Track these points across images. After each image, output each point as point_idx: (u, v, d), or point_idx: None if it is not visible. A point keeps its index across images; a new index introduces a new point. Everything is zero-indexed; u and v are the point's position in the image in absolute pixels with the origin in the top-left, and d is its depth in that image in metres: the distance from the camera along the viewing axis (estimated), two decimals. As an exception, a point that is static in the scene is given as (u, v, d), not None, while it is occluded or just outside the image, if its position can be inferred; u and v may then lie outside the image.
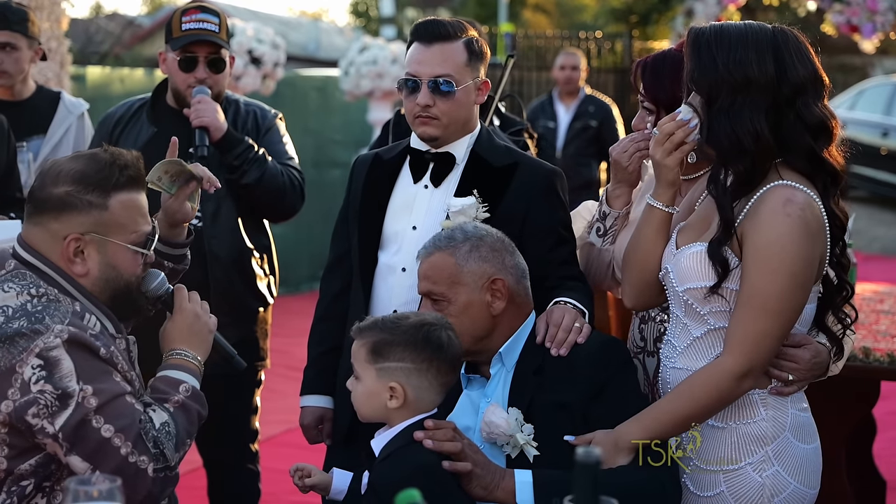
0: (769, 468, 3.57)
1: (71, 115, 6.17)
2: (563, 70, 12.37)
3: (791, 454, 3.59)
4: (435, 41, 4.23)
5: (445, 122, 4.23)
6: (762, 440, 3.58)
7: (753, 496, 3.58)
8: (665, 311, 3.96)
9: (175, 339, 3.63)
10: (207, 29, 5.31)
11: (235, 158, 5.25)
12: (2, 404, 3.25)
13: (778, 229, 3.43)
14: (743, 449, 3.59)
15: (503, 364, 3.81)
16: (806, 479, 3.61)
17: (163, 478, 3.34)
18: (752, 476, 3.58)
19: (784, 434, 3.59)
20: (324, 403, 4.50)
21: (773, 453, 3.58)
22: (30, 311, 3.33)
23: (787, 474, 3.57)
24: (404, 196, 4.35)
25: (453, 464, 3.47)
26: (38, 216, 3.50)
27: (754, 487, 3.58)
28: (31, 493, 3.34)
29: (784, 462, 3.58)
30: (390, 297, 4.28)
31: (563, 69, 12.37)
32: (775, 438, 3.59)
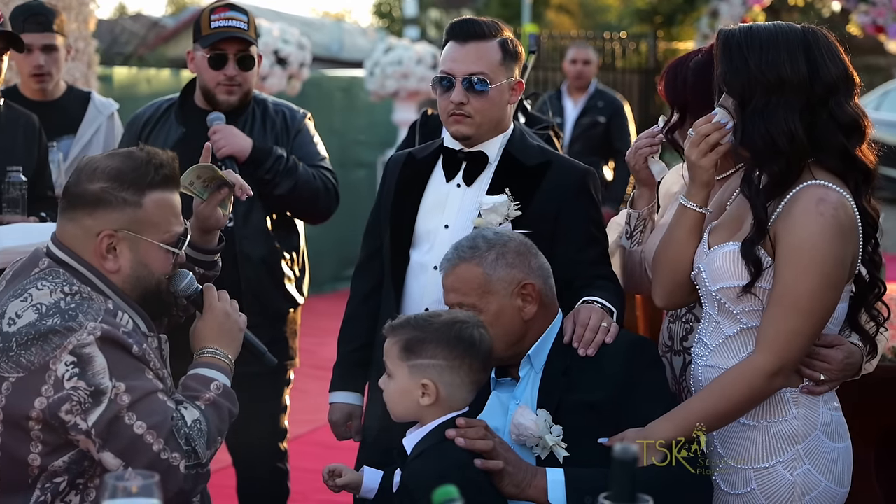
0: (800, 466, 3.58)
1: (101, 116, 6.21)
2: (574, 64, 11.73)
3: (822, 453, 3.60)
4: (470, 40, 4.24)
5: (478, 120, 4.24)
6: (793, 439, 3.60)
7: (784, 494, 3.59)
8: (691, 311, 3.98)
9: (206, 337, 3.65)
10: (237, 27, 5.34)
11: (266, 173, 5.27)
12: (36, 401, 3.27)
13: (810, 228, 3.44)
14: (774, 447, 3.61)
15: (532, 366, 3.82)
16: (836, 478, 3.61)
17: (194, 475, 3.37)
18: (783, 474, 3.59)
19: (815, 433, 3.60)
20: (352, 400, 4.52)
21: (804, 452, 3.59)
22: (63, 308, 3.35)
23: (818, 473, 3.58)
24: (437, 195, 4.36)
25: (485, 462, 3.48)
26: (73, 211, 3.53)
27: (785, 485, 3.59)
28: (64, 489, 3.36)
29: (815, 461, 3.58)
30: (422, 295, 4.29)
31: (574, 63, 11.73)
32: (806, 437, 3.60)
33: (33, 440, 3.31)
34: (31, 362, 3.29)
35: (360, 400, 4.51)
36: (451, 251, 3.87)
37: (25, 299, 3.39)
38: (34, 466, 3.33)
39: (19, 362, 3.30)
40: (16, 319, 3.35)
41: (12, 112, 5.39)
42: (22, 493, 3.34)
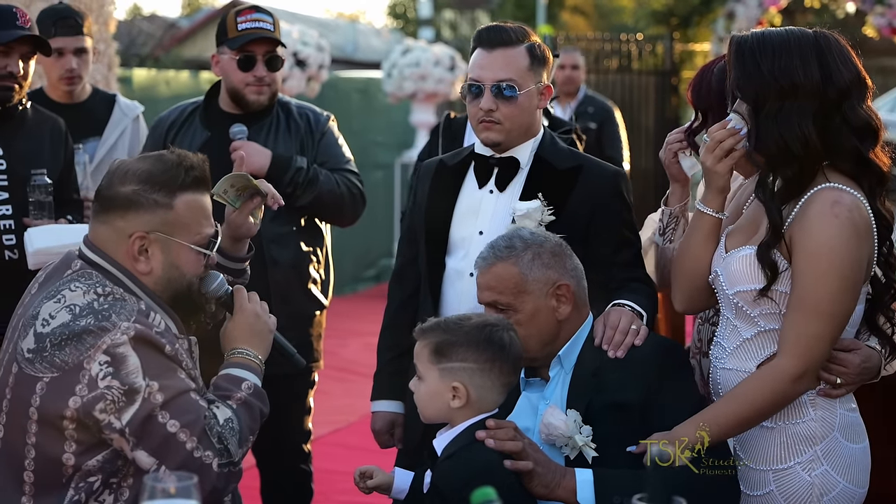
0: (818, 467, 3.60)
1: (126, 118, 6.23)
2: (562, 69, 11.14)
3: (840, 454, 3.61)
4: (497, 46, 4.26)
5: (508, 126, 4.26)
6: (811, 440, 3.61)
7: (803, 495, 3.61)
8: (720, 313, 3.99)
9: (236, 338, 3.69)
10: (264, 28, 5.38)
11: (287, 185, 5.27)
12: (70, 400, 3.30)
13: (827, 231, 3.46)
14: (792, 448, 3.63)
15: (562, 366, 3.85)
16: (855, 479, 3.63)
17: (227, 473, 3.40)
18: (801, 475, 3.61)
19: (833, 434, 3.62)
20: (395, 409, 4.56)
21: (822, 453, 3.61)
22: (97, 308, 3.38)
23: (836, 473, 3.60)
24: (470, 201, 4.39)
25: (515, 462, 3.51)
26: (105, 214, 3.56)
27: (804, 486, 3.61)
28: (98, 489, 3.38)
29: (833, 461, 3.60)
30: (459, 301, 4.31)
31: (562, 68, 11.14)
32: (824, 438, 3.61)
33: (67, 440, 3.34)
34: (66, 362, 3.32)
35: (402, 408, 4.53)
36: (486, 250, 3.89)
37: (59, 300, 3.42)
38: (68, 466, 3.36)
39: (53, 362, 3.33)
40: (49, 320, 3.38)
41: (39, 115, 5.42)
42: (56, 492, 3.37)
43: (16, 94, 5.17)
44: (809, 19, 21.23)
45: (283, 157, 5.36)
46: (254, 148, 5.31)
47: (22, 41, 5.11)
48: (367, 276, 15.23)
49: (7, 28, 5.08)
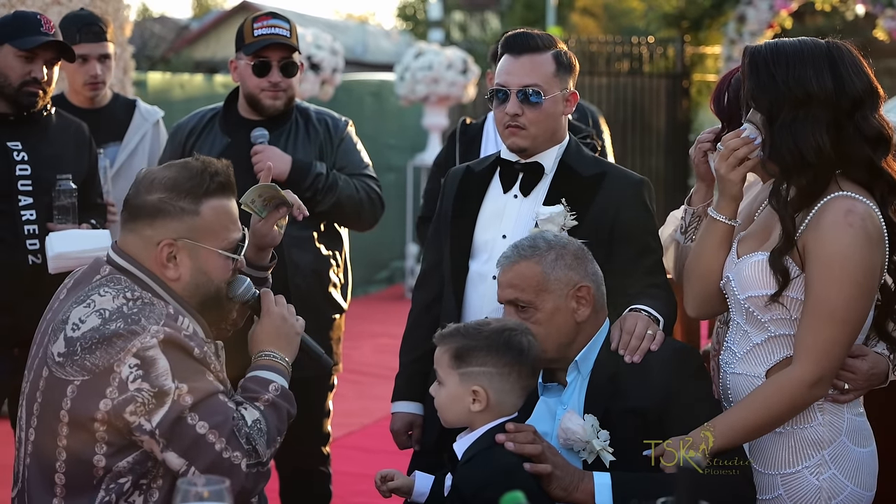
0: (826, 472, 3.64)
1: (146, 123, 6.28)
2: None
3: (847, 458, 3.65)
4: (524, 52, 4.33)
5: (533, 132, 4.32)
6: (819, 444, 3.66)
7: (811, 499, 3.65)
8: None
9: (263, 341, 3.72)
10: (280, 34, 5.43)
11: (307, 191, 5.31)
12: (101, 403, 3.35)
13: (841, 240, 3.49)
14: (800, 453, 3.67)
15: (579, 371, 3.89)
16: (862, 482, 3.67)
17: (255, 473, 3.44)
18: (809, 479, 3.65)
19: (840, 438, 3.66)
20: (414, 410, 4.60)
21: (829, 457, 3.65)
22: (126, 313, 3.43)
23: (844, 477, 3.64)
24: (494, 206, 4.44)
25: (534, 465, 3.56)
26: (133, 223, 3.61)
27: (811, 491, 3.65)
28: (128, 490, 3.42)
29: (840, 465, 3.64)
30: (482, 304, 4.36)
31: None
32: (832, 442, 3.66)
33: (98, 441, 3.38)
34: (96, 365, 3.36)
35: (422, 409, 4.58)
36: (510, 249, 3.95)
37: (88, 305, 3.46)
38: (99, 468, 3.40)
39: (84, 366, 3.37)
40: (80, 325, 3.42)
41: (63, 121, 5.47)
42: (87, 494, 3.41)
43: (40, 99, 5.23)
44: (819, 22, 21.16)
45: (303, 163, 5.41)
46: (275, 152, 5.36)
47: (46, 47, 5.17)
48: (379, 278, 15.26)
49: (31, 34, 5.14)
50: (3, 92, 5.19)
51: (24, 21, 5.20)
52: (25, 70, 5.16)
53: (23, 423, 3.57)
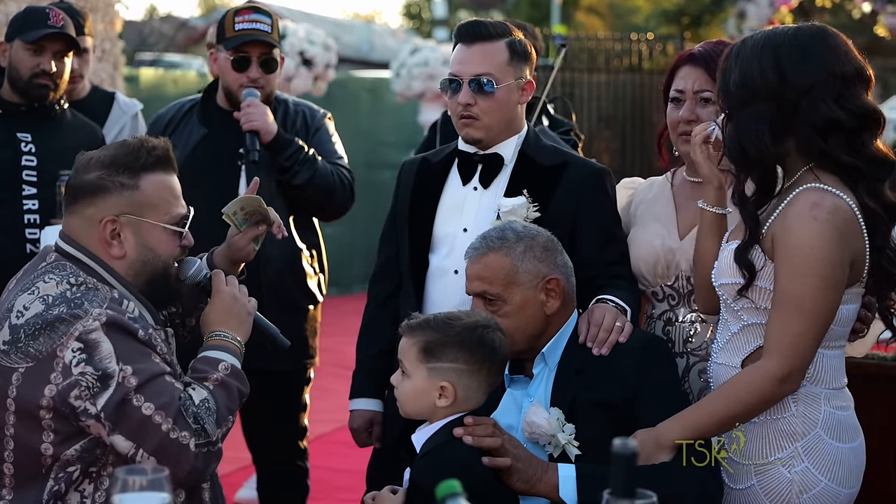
0: (798, 464, 3.59)
1: (125, 115, 6.27)
2: None
3: (823, 451, 3.60)
4: (476, 41, 4.27)
5: (487, 122, 4.26)
6: (792, 436, 3.61)
7: (783, 491, 3.61)
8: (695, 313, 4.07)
9: (214, 321, 3.68)
10: (260, 29, 5.38)
11: (286, 160, 5.30)
12: (45, 389, 3.32)
13: (806, 232, 3.47)
14: (773, 444, 3.63)
15: (546, 363, 3.85)
16: (840, 478, 3.61)
17: (205, 453, 3.40)
18: (781, 471, 3.61)
19: (815, 431, 3.61)
20: (373, 407, 4.54)
21: (802, 450, 3.60)
22: (69, 297, 3.40)
23: (818, 471, 3.59)
24: (454, 198, 4.38)
25: (493, 459, 3.51)
26: (74, 204, 3.59)
27: (783, 483, 3.60)
28: (77, 478, 3.40)
29: (814, 459, 3.59)
30: (443, 299, 4.30)
31: None
32: (805, 435, 3.61)
33: (45, 430, 3.35)
34: (39, 351, 3.34)
35: (381, 406, 4.52)
36: (478, 240, 3.89)
37: (33, 292, 3.44)
38: (47, 456, 3.37)
39: (28, 352, 3.35)
40: (24, 312, 3.40)
41: (77, 120, 5.60)
42: (36, 483, 3.39)
43: (51, 91, 5.34)
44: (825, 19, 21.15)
45: (286, 134, 5.40)
46: (264, 109, 5.33)
47: (53, 39, 5.27)
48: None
49: (37, 27, 5.26)
50: (15, 84, 5.33)
51: (32, 15, 5.36)
52: (34, 62, 5.28)
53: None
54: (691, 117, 4.09)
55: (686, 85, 4.12)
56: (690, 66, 4.14)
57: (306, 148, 5.40)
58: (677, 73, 4.19)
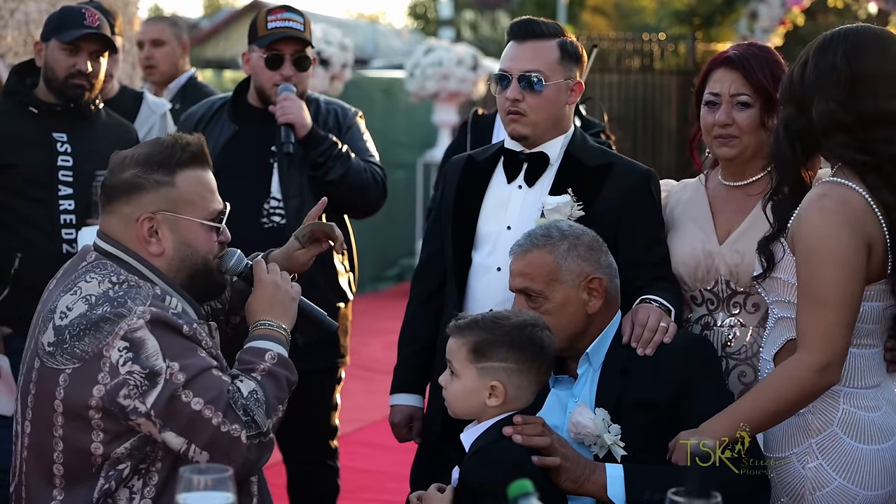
0: (812, 461, 3.62)
1: (154, 115, 6.28)
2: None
3: (840, 450, 3.62)
4: (528, 38, 4.28)
5: (534, 119, 4.26)
6: (807, 432, 3.64)
7: (796, 486, 3.64)
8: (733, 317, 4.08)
9: (258, 311, 3.68)
10: (293, 27, 5.40)
11: (320, 155, 5.31)
12: (94, 389, 3.32)
13: (814, 223, 3.53)
14: (791, 439, 3.67)
15: (590, 364, 3.85)
16: (858, 479, 3.61)
17: (257, 444, 3.40)
18: (795, 466, 3.65)
19: (831, 429, 3.63)
20: (414, 402, 4.55)
21: (816, 446, 3.63)
22: (112, 297, 3.40)
23: (832, 470, 3.60)
24: (498, 196, 4.38)
25: (542, 458, 3.51)
26: (111, 204, 3.59)
27: (797, 478, 3.64)
28: (128, 475, 3.40)
29: (829, 457, 3.61)
30: (486, 296, 4.30)
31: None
32: (821, 432, 3.63)
33: (94, 429, 3.36)
34: (85, 352, 3.34)
35: (422, 402, 4.54)
36: (523, 238, 3.90)
37: (75, 293, 3.44)
38: (97, 455, 3.37)
39: (74, 353, 3.35)
40: (67, 313, 3.40)
41: (112, 119, 5.59)
42: (87, 482, 3.39)
43: (87, 92, 5.33)
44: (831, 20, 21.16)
45: (320, 130, 5.40)
46: (300, 104, 5.35)
47: (89, 39, 5.25)
48: (388, 275, 15.26)
49: (74, 28, 5.24)
50: (51, 85, 5.31)
51: (68, 15, 5.33)
52: (70, 63, 5.25)
53: (18, 416, 3.54)
54: (728, 121, 4.08)
55: (722, 88, 4.11)
56: (726, 69, 4.12)
57: (340, 144, 5.39)
58: (712, 75, 4.18)
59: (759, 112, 4.05)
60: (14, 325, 5.23)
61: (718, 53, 4.29)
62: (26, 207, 5.23)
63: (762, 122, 4.05)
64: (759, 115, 4.05)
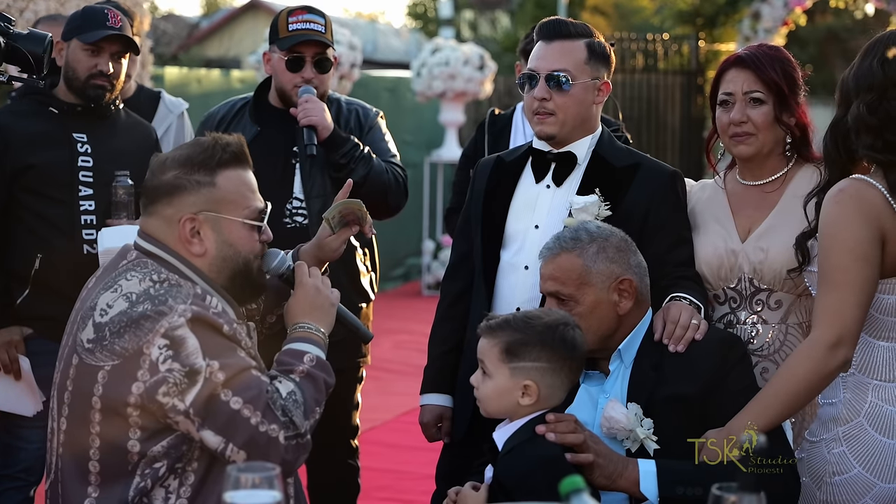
0: (837, 448, 3.69)
1: (171, 115, 6.30)
2: None
3: (863, 441, 3.68)
4: (556, 38, 4.32)
5: (562, 118, 4.29)
6: (836, 420, 3.72)
7: (819, 469, 3.73)
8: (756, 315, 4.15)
9: (298, 313, 3.69)
10: (314, 29, 5.39)
11: (342, 157, 5.31)
12: (133, 386, 3.33)
13: (830, 214, 3.65)
14: (825, 426, 3.76)
15: (622, 360, 3.87)
16: (877, 471, 3.66)
17: (295, 445, 3.41)
18: (822, 451, 3.73)
19: (858, 419, 3.69)
20: (444, 402, 4.57)
21: (843, 435, 3.70)
22: (153, 294, 3.41)
23: (854, 459, 3.66)
24: (526, 196, 4.41)
25: (575, 456, 3.53)
26: (152, 205, 3.60)
27: (821, 462, 3.72)
28: (164, 474, 3.40)
29: (853, 446, 3.68)
30: (513, 294, 4.34)
31: None
32: (848, 421, 3.70)
33: (132, 426, 3.36)
34: (126, 349, 3.34)
35: (451, 402, 4.56)
36: (552, 241, 3.92)
37: (115, 290, 3.45)
38: (133, 453, 3.38)
39: (114, 350, 3.35)
40: (107, 310, 3.41)
41: (131, 119, 5.59)
42: (123, 480, 3.39)
43: (108, 92, 5.32)
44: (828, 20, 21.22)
45: (341, 131, 5.41)
46: (322, 105, 5.35)
47: (111, 40, 5.25)
48: (395, 275, 15.27)
49: (96, 28, 5.23)
50: (71, 85, 5.30)
51: (91, 15, 5.32)
52: (91, 63, 5.25)
53: (54, 413, 3.55)
54: (742, 118, 4.15)
55: (735, 87, 4.18)
56: (738, 68, 4.19)
57: (361, 146, 5.40)
58: (724, 76, 4.24)
59: (772, 108, 4.12)
60: (35, 326, 5.26)
61: (730, 55, 4.35)
62: (47, 208, 5.24)
63: (777, 117, 4.13)
64: (772, 111, 4.12)
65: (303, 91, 5.35)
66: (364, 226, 4.05)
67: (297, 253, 4.02)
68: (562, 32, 4.32)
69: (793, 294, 4.07)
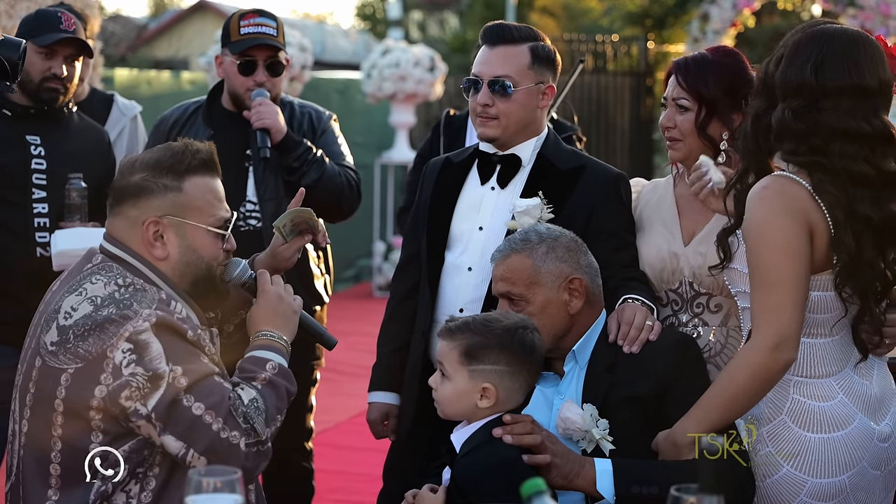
0: (763, 448, 3.70)
1: (124, 118, 6.28)
2: None
3: (787, 438, 3.68)
4: (499, 43, 4.34)
5: (504, 122, 4.32)
6: (759, 421, 3.72)
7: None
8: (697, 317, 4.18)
9: (260, 321, 3.71)
10: (266, 33, 5.40)
11: (295, 160, 5.32)
12: (95, 389, 3.33)
13: (754, 211, 3.62)
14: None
15: (576, 361, 3.90)
16: (805, 467, 3.67)
17: (255, 452, 3.43)
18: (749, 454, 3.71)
19: (780, 417, 3.69)
20: (391, 400, 4.59)
21: (767, 435, 3.70)
22: (118, 298, 3.42)
23: (781, 458, 3.67)
24: (472, 197, 4.44)
25: (532, 457, 3.56)
26: (118, 206, 3.61)
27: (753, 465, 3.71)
28: (124, 479, 3.41)
29: (778, 445, 3.68)
30: (456, 296, 4.37)
31: None
32: (770, 421, 3.70)
33: (94, 430, 3.37)
34: (89, 352, 3.35)
35: (398, 399, 4.58)
36: (503, 243, 3.98)
37: (80, 293, 3.46)
38: None
39: (77, 353, 3.36)
40: (72, 313, 3.42)
41: (84, 122, 5.56)
42: (83, 483, 3.39)
43: (61, 95, 5.30)
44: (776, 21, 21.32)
45: (294, 135, 5.42)
46: (275, 108, 5.36)
47: (65, 44, 5.23)
48: (345, 276, 15.24)
49: (50, 31, 5.21)
50: (25, 87, 5.26)
51: (44, 18, 5.30)
52: (45, 66, 5.23)
53: (16, 415, 3.55)
54: (670, 123, 4.26)
55: (668, 92, 4.28)
56: (674, 73, 4.28)
57: (314, 149, 5.41)
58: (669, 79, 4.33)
59: (695, 116, 4.18)
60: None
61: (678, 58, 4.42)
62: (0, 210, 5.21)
63: (703, 125, 4.18)
64: (695, 119, 4.18)
65: (256, 94, 5.36)
66: (317, 234, 4.06)
67: (252, 262, 4.02)
68: (505, 37, 4.34)
69: (732, 298, 4.07)
